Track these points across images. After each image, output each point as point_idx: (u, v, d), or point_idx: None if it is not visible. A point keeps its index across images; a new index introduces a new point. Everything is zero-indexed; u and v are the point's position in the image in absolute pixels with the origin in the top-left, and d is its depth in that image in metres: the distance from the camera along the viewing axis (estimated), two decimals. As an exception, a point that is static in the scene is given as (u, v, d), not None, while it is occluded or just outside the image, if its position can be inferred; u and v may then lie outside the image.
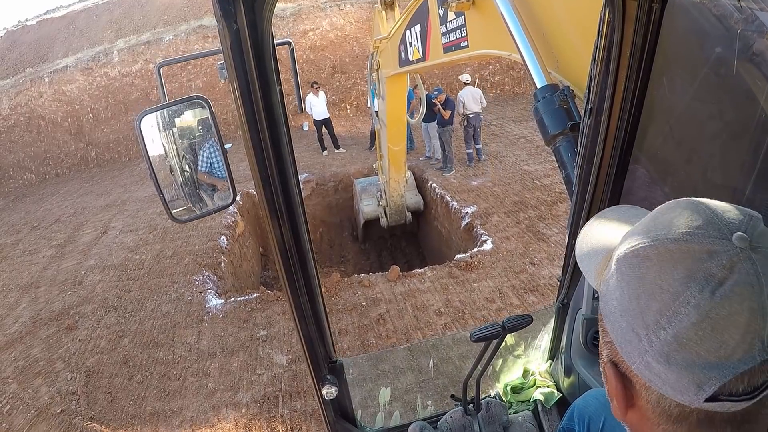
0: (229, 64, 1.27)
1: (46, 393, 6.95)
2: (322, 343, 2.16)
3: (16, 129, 19.52)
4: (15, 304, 9.45)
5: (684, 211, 0.73)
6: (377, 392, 3.12)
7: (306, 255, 1.80)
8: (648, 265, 0.71)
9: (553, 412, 2.87)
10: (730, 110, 1.34)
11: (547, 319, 2.92)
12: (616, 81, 1.66)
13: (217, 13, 1.18)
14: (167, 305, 8.53)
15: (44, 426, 6.39)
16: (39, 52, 21.57)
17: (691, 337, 0.66)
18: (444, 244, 11.28)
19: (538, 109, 2.16)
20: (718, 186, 1.40)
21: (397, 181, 10.93)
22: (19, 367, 7.60)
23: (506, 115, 16.88)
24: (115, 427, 6.20)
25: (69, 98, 19.57)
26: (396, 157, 10.31)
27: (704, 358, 0.66)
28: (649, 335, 0.70)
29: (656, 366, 0.71)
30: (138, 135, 1.72)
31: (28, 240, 12.65)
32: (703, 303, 0.65)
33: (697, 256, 0.67)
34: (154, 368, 7.12)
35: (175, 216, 1.88)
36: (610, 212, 1.05)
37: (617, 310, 0.76)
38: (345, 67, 19.41)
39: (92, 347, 7.76)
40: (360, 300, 8.00)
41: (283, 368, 6.77)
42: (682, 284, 0.67)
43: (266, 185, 1.52)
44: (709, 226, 0.69)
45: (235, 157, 13.04)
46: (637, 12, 1.48)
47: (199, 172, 2.14)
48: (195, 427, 6.03)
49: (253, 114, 1.35)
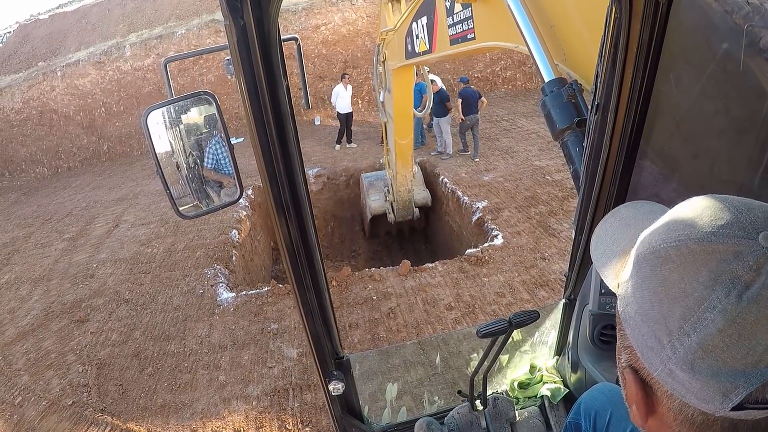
0: (235, 60, 1.28)
1: (58, 385, 7.01)
2: (329, 338, 2.18)
3: (28, 122, 19.63)
4: (27, 297, 9.52)
5: (707, 209, 0.70)
6: (384, 388, 3.10)
7: (313, 251, 1.81)
8: (670, 267, 0.69)
9: (559, 408, 2.88)
10: (737, 106, 1.34)
11: (553, 315, 2.92)
12: (623, 77, 1.66)
13: (224, 9, 1.19)
14: (178, 298, 8.58)
15: (55, 418, 6.44)
16: (51, 46, 21.66)
17: (717, 344, 0.63)
18: (455, 239, 11.27)
19: (546, 103, 2.15)
20: (726, 182, 1.40)
21: (404, 175, 10.83)
22: (30, 359, 7.67)
23: (518, 110, 16.84)
24: (126, 419, 6.24)
25: (81, 92, 19.66)
26: (403, 151, 10.21)
27: (731, 365, 0.63)
28: (672, 342, 0.68)
29: (680, 374, 0.68)
30: (145, 131, 1.73)
31: (40, 233, 12.72)
32: (729, 308, 0.62)
33: (723, 257, 0.64)
34: (165, 361, 7.17)
35: (181, 212, 1.89)
36: (625, 209, 1.02)
37: (638, 314, 0.74)
38: (357, 62, 19.41)
39: (104, 340, 7.81)
40: (371, 294, 8.02)
41: (294, 361, 6.81)
42: (707, 288, 0.64)
43: (273, 181, 1.52)
44: (734, 225, 0.66)
45: (246, 151, 13.33)
46: (644, 8, 1.47)
47: (206, 168, 2.14)
48: (206, 419, 6.06)
49: (259, 110, 1.36)
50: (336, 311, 7.15)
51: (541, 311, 2.30)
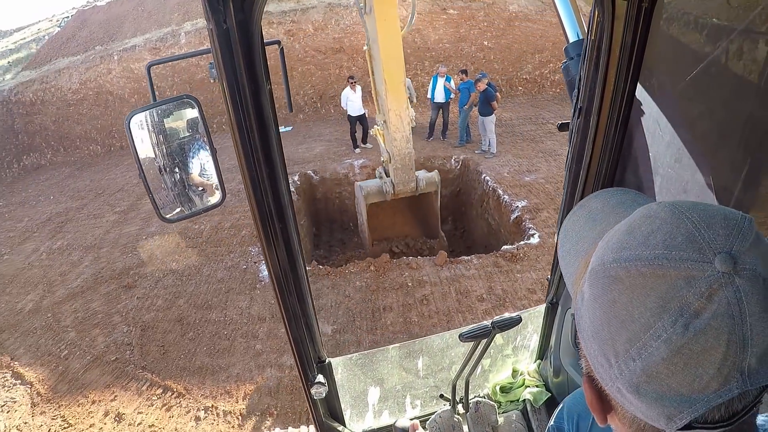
0: (218, 63, 1.27)
1: (102, 342, 7.41)
2: (311, 342, 2.15)
3: (84, 102, 20.18)
4: (78, 262, 9.96)
5: (663, 224, 0.66)
6: (366, 392, 3.11)
7: (295, 255, 1.80)
8: (620, 289, 0.66)
9: (542, 412, 2.90)
10: (720, 109, 1.36)
11: (536, 319, 2.94)
12: (606, 80, 1.65)
13: (207, 13, 1.18)
14: (222, 272, 8.86)
15: (98, 371, 6.83)
16: (108, 31, 22.32)
17: (662, 371, 0.62)
18: (492, 236, 11.28)
19: (569, 68, 1.99)
20: (708, 185, 1.40)
21: (399, 114, 8.71)
22: (78, 318, 8.10)
23: (564, 114, 16.66)
24: (165, 377, 6.57)
25: (137, 76, 20.13)
26: (392, 78, 8.28)
27: (676, 390, 0.62)
28: (619, 363, 0.66)
29: (627, 394, 0.67)
30: (128, 135, 1.70)
31: (93, 205, 13.22)
32: (675, 338, 0.60)
33: (673, 282, 0.61)
34: (206, 327, 7.47)
35: (164, 216, 1.84)
36: (595, 199, 1.00)
37: (589, 330, 0.72)
38: (406, 59, 18.98)
39: (149, 305, 8.17)
40: (406, 280, 8.17)
41: (328, 337, 7.01)
42: (654, 315, 0.62)
43: (255, 186, 1.51)
44: (688, 246, 0.62)
45: (294, 140, 13.30)
46: (627, 10, 1.48)
47: (189, 172, 2.06)
48: (240, 383, 6.33)
49: (241, 114, 1.35)
50: (372, 294, 7.26)
51: (523, 315, 2.33)
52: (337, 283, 8.23)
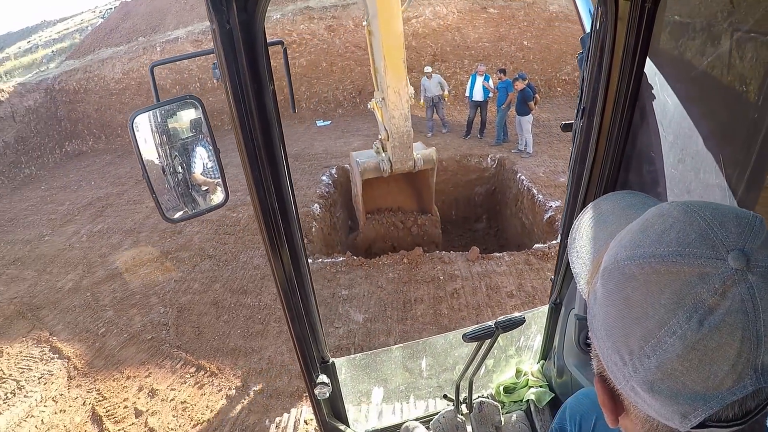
0: (221, 64, 1.28)
1: (139, 322, 7.61)
2: (314, 342, 2.15)
3: (127, 92, 20.55)
4: (118, 245, 10.23)
5: (676, 222, 0.67)
6: (370, 392, 3.13)
7: (298, 254, 1.79)
8: (634, 286, 0.67)
9: (545, 412, 2.90)
10: (723, 110, 1.37)
11: (539, 319, 2.94)
12: (609, 81, 1.67)
13: (210, 13, 1.19)
14: (259, 259, 8.99)
15: (134, 349, 7.03)
16: (151, 23, 22.76)
17: (677, 367, 0.62)
18: (525, 235, 11.25)
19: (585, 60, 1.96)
20: (712, 185, 1.40)
21: (398, 91, 8.33)
22: (116, 298, 8.33)
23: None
24: (199, 356, 6.73)
25: (179, 67, 20.37)
26: (392, 53, 7.98)
27: (690, 388, 0.62)
28: (633, 361, 0.67)
29: (641, 392, 0.67)
30: (131, 135, 1.70)
31: (133, 191, 13.52)
32: (689, 334, 0.60)
33: (687, 279, 0.62)
34: (241, 311, 7.61)
35: (167, 216, 1.86)
36: (605, 202, 1.00)
37: (603, 329, 0.72)
38: (445, 56, 19.38)
39: (186, 288, 8.35)
40: (438, 274, 8.20)
41: (359, 325, 7.10)
42: (668, 311, 0.62)
43: (258, 185, 1.51)
44: (702, 243, 0.63)
45: (326, 138, 13.25)
46: (630, 11, 1.48)
47: (192, 172, 2.09)
48: (271, 365, 6.45)
49: (245, 114, 1.35)
50: (404, 286, 7.28)
51: (527, 316, 2.33)
52: (371, 274, 8.29)
